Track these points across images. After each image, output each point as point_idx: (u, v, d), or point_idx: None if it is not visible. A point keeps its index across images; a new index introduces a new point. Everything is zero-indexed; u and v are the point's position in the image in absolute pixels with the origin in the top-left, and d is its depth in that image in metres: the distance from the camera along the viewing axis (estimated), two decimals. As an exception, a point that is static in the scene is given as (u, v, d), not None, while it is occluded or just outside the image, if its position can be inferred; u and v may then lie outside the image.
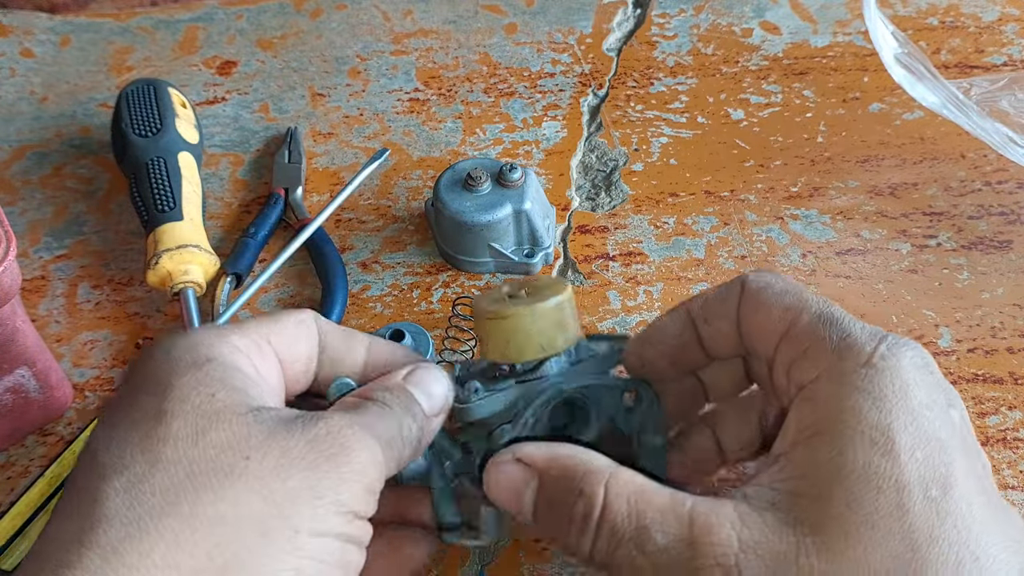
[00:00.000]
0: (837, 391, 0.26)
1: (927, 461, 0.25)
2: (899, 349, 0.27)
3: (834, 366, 0.27)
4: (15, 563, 0.37)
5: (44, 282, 0.49)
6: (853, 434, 0.25)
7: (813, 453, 0.26)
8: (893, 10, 0.62)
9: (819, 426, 0.26)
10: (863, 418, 0.25)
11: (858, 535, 0.24)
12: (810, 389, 0.27)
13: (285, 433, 0.25)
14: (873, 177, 0.52)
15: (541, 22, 0.63)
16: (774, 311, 0.29)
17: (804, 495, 0.25)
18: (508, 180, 0.46)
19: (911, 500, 0.24)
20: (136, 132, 0.50)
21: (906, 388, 0.26)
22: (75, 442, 0.41)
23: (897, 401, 0.25)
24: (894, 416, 0.25)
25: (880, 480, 0.24)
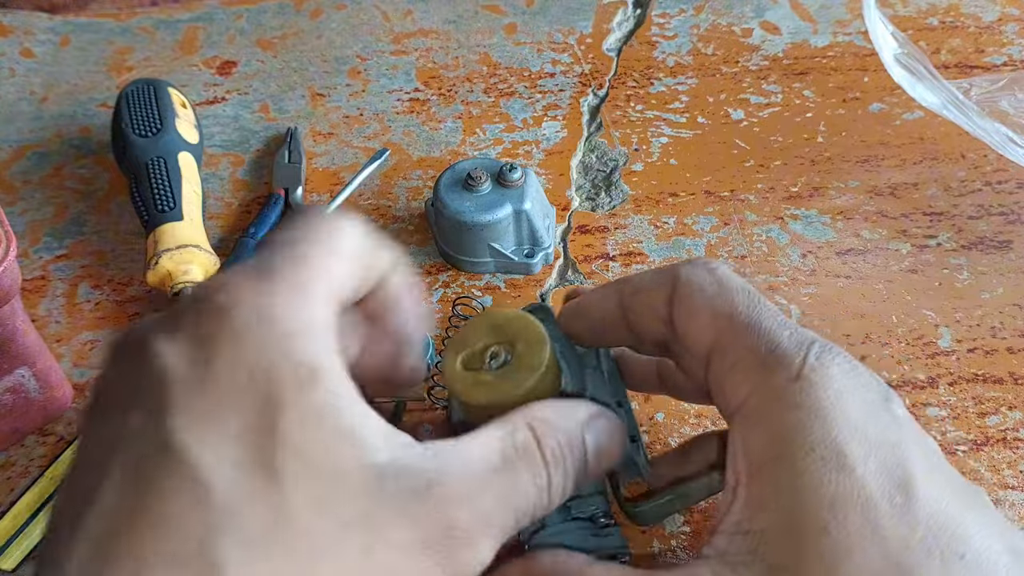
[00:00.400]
0: (775, 410, 0.25)
1: (882, 468, 0.24)
2: (826, 357, 0.26)
3: (765, 382, 0.26)
4: (15, 563, 0.37)
5: (44, 282, 0.49)
6: (804, 455, 0.24)
7: (770, 484, 0.25)
8: (893, 10, 0.62)
9: (768, 452, 0.25)
10: (809, 436, 0.24)
11: (836, 568, 0.23)
12: (747, 408, 0.26)
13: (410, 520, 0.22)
14: (873, 177, 0.52)
15: (541, 22, 0.63)
16: (703, 318, 0.28)
17: (774, 534, 0.24)
18: (508, 180, 0.46)
19: (878, 514, 0.23)
20: (136, 132, 0.50)
21: (840, 396, 0.25)
22: (75, 442, 0.41)
23: (836, 412, 0.25)
24: (838, 428, 0.24)
25: (843, 500, 0.24)
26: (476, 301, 0.46)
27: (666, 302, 0.29)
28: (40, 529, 0.38)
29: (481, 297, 0.47)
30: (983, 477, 0.39)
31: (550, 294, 0.48)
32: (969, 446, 0.40)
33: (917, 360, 0.43)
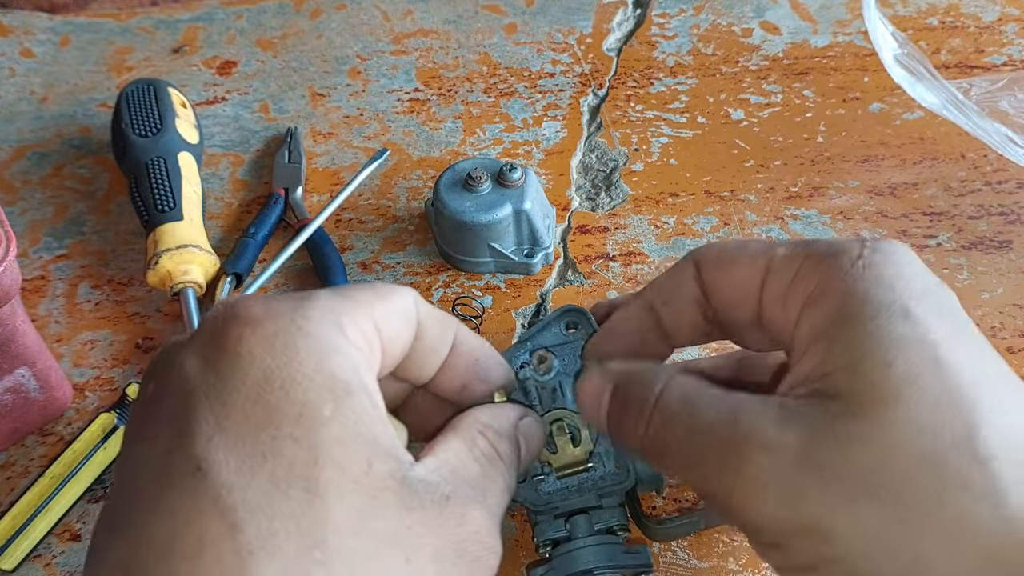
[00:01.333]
0: (841, 286, 0.26)
1: (948, 322, 0.25)
2: (883, 244, 0.27)
3: (829, 271, 0.26)
4: (15, 563, 0.37)
5: (44, 282, 0.49)
6: (870, 311, 0.25)
7: (835, 337, 0.25)
8: (893, 10, 0.62)
9: (832, 317, 0.25)
10: (875, 298, 0.25)
11: (897, 394, 0.23)
12: (812, 297, 0.26)
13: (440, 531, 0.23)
14: (873, 177, 0.52)
15: (541, 22, 0.63)
16: (743, 263, 0.29)
17: (833, 372, 0.24)
18: (508, 180, 0.46)
19: (948, 351, 0.24)
20: (136, 132, 0.50)
21: (902, 271, 0.26)
22: (75, 442, 0.41)
23: (898, 282, 0.25)
24: (901, 292, 0.25)
25: (909, 340, 0.24)
26: (476, 301, 0.46)
27: (693, 281, 0.30)
28: (40, 529, 0.38)
29: (481, 297, 0.47)
30: (983, 477, 0.39)
31: (550, 294, 0.48)
32: (969, 446, 0.40)
33: (917, 360, 0.43)
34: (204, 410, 0.21)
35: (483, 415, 0.29)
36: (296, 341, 0.22)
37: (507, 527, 0.38)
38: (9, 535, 0.38)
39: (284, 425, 0.21)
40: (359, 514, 0.21)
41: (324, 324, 0.23)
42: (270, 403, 0.21)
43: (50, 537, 0.39)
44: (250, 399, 0.21)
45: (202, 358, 0.22)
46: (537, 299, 0.47)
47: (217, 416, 0.21)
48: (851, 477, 0.23)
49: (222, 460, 0.20)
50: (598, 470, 0.33)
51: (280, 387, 0.22)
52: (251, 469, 0.20)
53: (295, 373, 0.22)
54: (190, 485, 0.20)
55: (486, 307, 0.47)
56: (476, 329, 0.45)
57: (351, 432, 0.22)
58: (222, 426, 0.21)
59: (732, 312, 0.30)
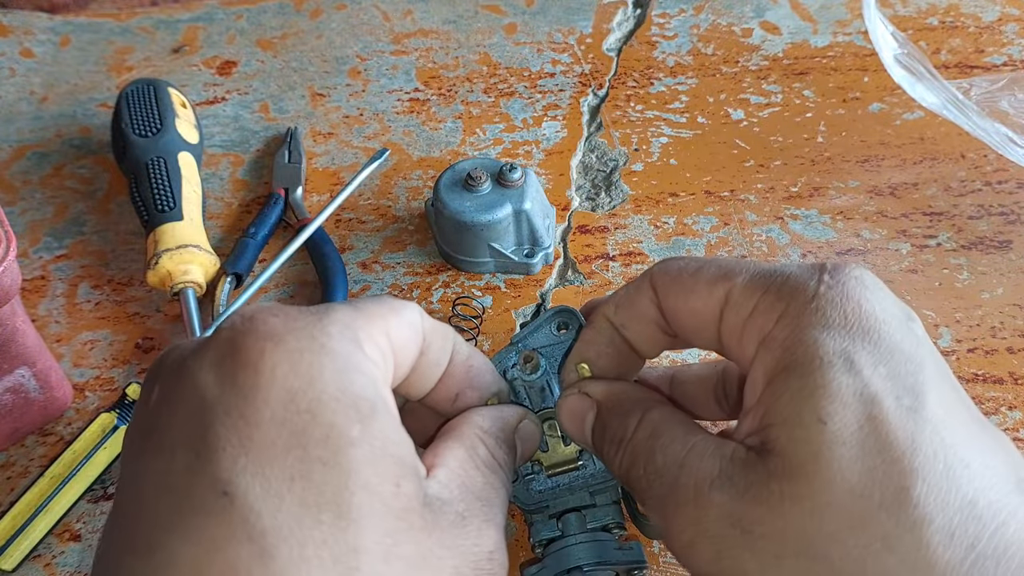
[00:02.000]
0: (792, 332, 0.25)
1: (893, 373, 0.24)
2: (841, 271, 0.26)
3: (785, 311, 0.26)
4: (15, 563, 0.37)
5: (44, 282, 0.49)
6: (814, 361, 0.24)
7: (779, 389, 0.25)
8: (893, 10, 0.62)
9: (780, 365, 0.25)
10: (820, 347, 0.24)
11: (830, 453, 0.23)
12: (768, 339, 0.26)
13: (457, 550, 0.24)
14: (873, 177, 0.52)
15: (541, 22, 0.63)
16: (701, 292, 0.28)
17: (772, 426, 0.24)
18: (508, 180, 0.46)
19: (883, 411, 0.23)
20: (136, 132, 0.50)
21: (859, 308, 0.25)
22: (75, 442, 0.41)
23: (851, 323, 0.24)
24: (850, 339, 0.24)
25: (845, 396, 0.23)
26: (476, 301, 0.46)
27: (651, 304, 0.29)
28: (40, 529, 0.38)
29: (481, 297, 0.47)
30: (983, 477, 0.39)
31: (550, 294, 0.48)
32: (969, 446, 0.40)
33: (917, 360, 0.43)
34: (226, 429, 0.21)
35: (482, 419, 0.29)
36: (320, 359, 0.22)
37: (507, 527, 0.38)
38: (9, 535, 0.38)
39: (312, 448, 0.21)
40: (388, 538, 0.21)
41: (344, 340, 0.23)
42: (296, 425, 0.21)
43: (50, 537, 0.39)
44: (275, 420, 0.21)
45: (219, 371, 0.22)
46: (537, 299, 0.47)
47: (241, 437, 0.20)
48: (779, 536, 0.23)
49: (249, 484, 0.20)
50: (588, 468, 0.33)
51: (306, 408, 0.21)
52: (279, 493, 0.20)
53: (320, 393, 0.21)
54: (217, 509, 0.20)
55: (486, 307, 0.47)
56: (476, 329, 0.45)
57: (379, 453, 0.22)
58: (246, 447, 0.20)
59: (692, 338, 0.29)
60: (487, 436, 0.29)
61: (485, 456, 0.28)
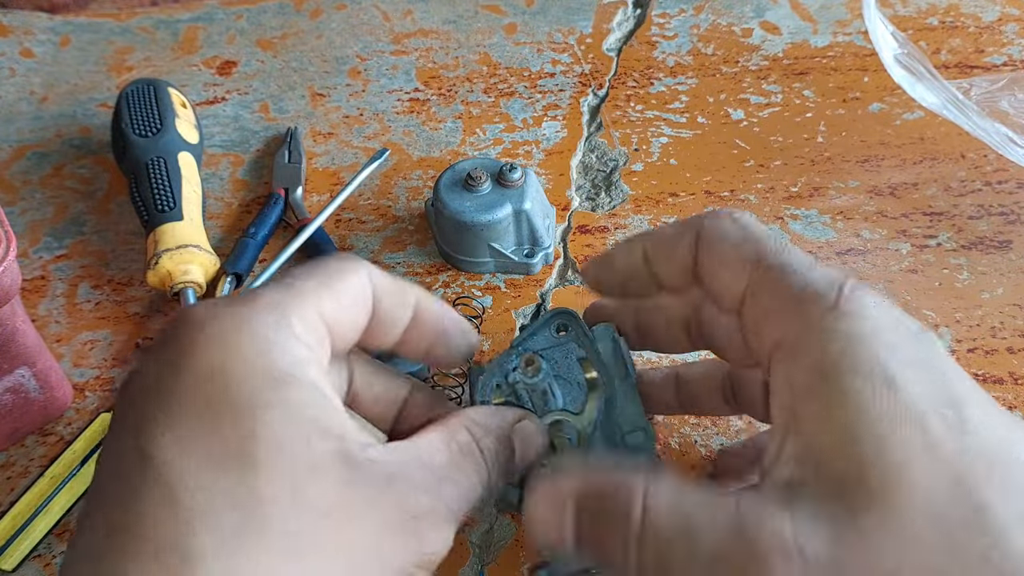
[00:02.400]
0: (816, 342, 0.25)
1: (929, 386, 0.24)
2: (859, 290, 0.26)
3: (803, 316, 0.25)
4: (15, 563, 0.37)
5: (44, 282, 0.49)
6: (852, 378, 0.24)
7: (822, 408, 0.24)
8: (893, 10, 0.62)
9: (814, 378, 0.25)
10: (854, 360, 0.24)
11: (899, 479, 0.22)
12: (787, 344, 0.26)
13: (381, 505, 0.24)
14: (873, 177, 0.52)
15: (541, 22, 0.63)
16: (732, 264, 0.28)
17: (833, 451, 0.24)
18: (508, 180, 0.46)
19: (931, 427, 0.23)
20: (136, 132, 0.50)
21: (879, 324, 0.25)
22: (75, 442, 0.41)
23: (878, 337, 0.24)
24: (882, 351, 0.24)
25: (895, 416, 0.23)
26: (476, 301, 0.46)
27: (690, 251, 0.29)
28: (40, 529, 0.38)
29: (481, 297, 0.47)
30: (983, 477, 0.39)
31: (550, 294, 0.48)
32: (969, 446, 0.40)
33: (917, 360, 0.43)
34: (154, 406, 0.23)
35: (475, 413, 0.29)
36: (239, 338, 0.24)
37: (507, 527, 0.38)
38: (9, 535, 0.38)
39: (224, 411, 0.23)
40: (296, 488, 0.22)
41: (266, 322, 0.25)
42: (212, 394, 0.23)
43: (50, 537, 0.39)
44: (194, 391, 0.23)
45: (157, 360, 0.24)
46: (537, 299, 0.47)
47: (165, 410, 0.23)
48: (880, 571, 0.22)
49: (166, 446, 0.22)
50: None
51: (223, 380, 0.23)
52: (190, 451, 0.22)
53: (237, 366, 0.23)
54: (138, 470, 0.22)
55: (486, 307, 0.47)
56: (476, 329, 0.45)
57: (291, 414, 0.23)
58: (168, 417, 0.22)
59: (716, 295, 0.29)
60: (475, 426, 0.29)
61: (464, 441, 0.28)
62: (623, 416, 0.33)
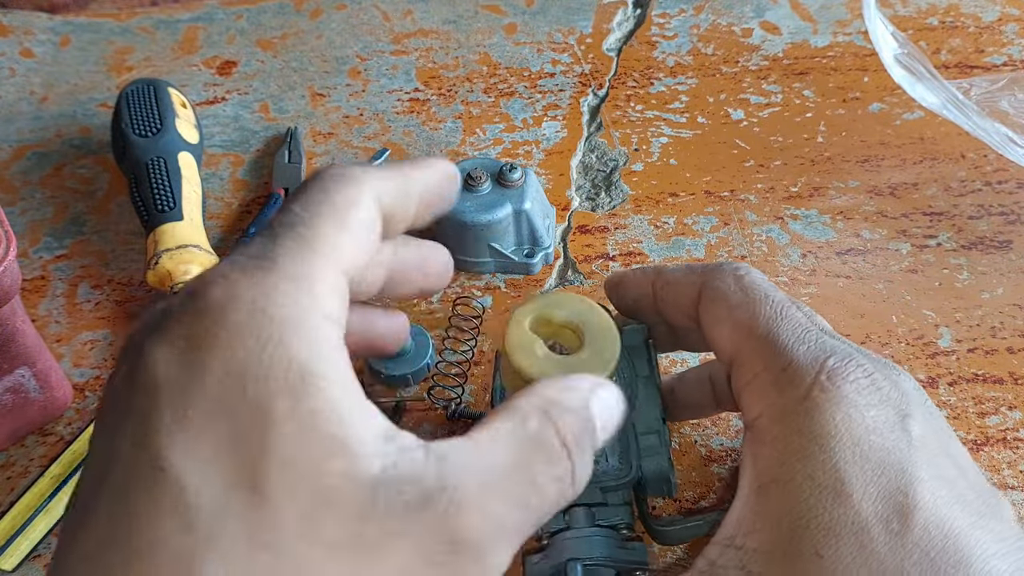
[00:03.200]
0: (781, 432, 0.26)
1: (882, 494, 0.24)
2: (839, 375, 0.26)
3: (775, 403, 0.26)
4: (15, 563, 0.37)
5: (44, 282, 0.49)
6: (803, 480, 0.25)
7: (769, 504, 0.25)
8: (893, 10, 0.62)
9: (771, 474, 0.26)
10: (810, 462, 0.25)
11: None
12: (758, 426, 0.27)
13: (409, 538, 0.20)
14: (873, 177, 0.52)
15: (541, 22, 0.63)
16: (725, 327, 0.29)
17: (768, 553, 0.25)
18: (508, 180, 0.46)
19: (873, 539, 0.24)
20: (136, 132, 0.50)
21: (849, 420, 0.25)
22: (75, 442, 0.41)
23: (842, 437, 0.25)
24: (839, 455, 0.25)
25: (838, 527, 0.24)
26: (476, 301, 0.46)
27: (692, 303, 0.30)
28: (40, 529, 0.38)
29: (481, 297, 0.47)
30: (983, 477, 0.39)
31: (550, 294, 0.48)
32: (969, 446, 0.40)
33: (917, 360, 0.43)
34: (167, 407, 0.21)
35: (550, 388, 0.24)
36: (260, 331, 0.21)
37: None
38: (9, 535, 0.38)
39: (239, 424, 0.20)
40: (307, 518, 0.20)
41: (289, 301, 0.22)
42: (228, 401, 0.21)
43: (50, 537, 0.39)
44: (210, 397, 0.21)
45: (170, 353, 0.21)
46: (537, 299, 0.47)
47: (179, 414, 0.20)
48: None
49: (180, 459, 0.20)
50: (600, 464, 0.32)
51: (240, 384, 0.21)
52: (205, 469, 0.20)
53: (254, 368, 0.21)
54: (150, 483, 0.20)
55: (486, 307, 0.47)
56: (476, 329, 0.45)
57: (306, 428, 0.20)
58: (183, 424, 0.20)
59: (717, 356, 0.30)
60: (551, 406, 0.23)
61: (534, 430, 0.23)
62: (640, 417, 0.32)
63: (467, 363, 0.44)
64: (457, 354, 0.44)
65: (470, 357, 0.44)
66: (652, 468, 0.32)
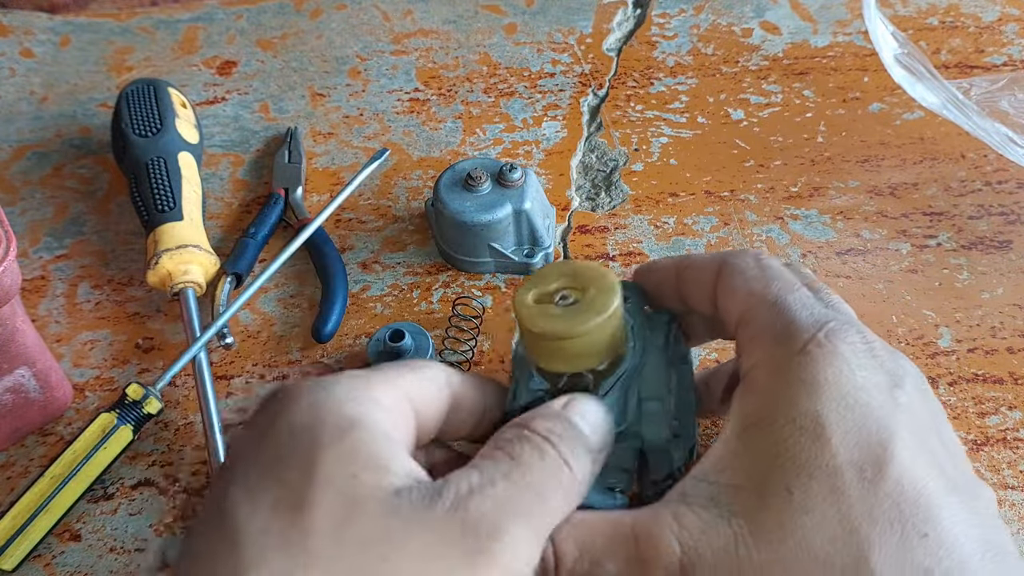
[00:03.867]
0: (772, 381, 0.27)
1: (861, 444, 0.25)
2: (837, 335, 0.27)
3: (772, 355, 0.27)
4: (15, 563, 0.37)
5: (44, 282, 0.49)
6: (785, 423, 0.25)
7: (749, 444, 0.26)
8: (893, 10, 0.62)
9: (755, 417, 0.26)
10: (795, 407, 0.26)
11: (794, 522, 0.24)
12: (751, 376, 0.28)
13: (422, 525, 0.23)
14: (873, 177, 0.52)
15: (541, 22, 0.63)
16: (739, 296, 0.30)
17: (740, 487, 0.25)
18: (508, 180, 0.46)
19: (845, 483, 0.24)
20: (136, 132, 0.50)
21: (840, 374, 0.26)
22: (75, 442, 0.41)
23: (829, 387, 0.26)
24: (824, 403, 0.25)
25: (812, 467, 0.25)
26: (476, 301, 0.46)
27: (712, 279, 0.31)
28: (40, 529, 0.38)
29: (481, 297, 0.47)
30: (983, 477, 0.39)
31: (550, 294, 0.48)
32: (969, 446, 0.40)
33: (917, 360, 0.43)
34: (239, 467, 0.25)
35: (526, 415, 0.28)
36: (319, 397, 0.26)
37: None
38: (9, 535, 0.38)
39: (290, 459, 0.24)
40: (339, 521, 0.23)
41: (347, 386, 0.26)
42: (285, 445, 0.25)
43: (50, 537, 0.39)
44: (271, 444, 0.25)
45: (249, 429, 0.27)
46: (537, 299, 0.47)
47: (243, 468, 0.25)
48: None
49: (237, 495, 0.24)
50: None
51: (298, 433, 0.25)
52: (254, 498, 0.24)
53: (312, 420, 0.25)
54: (215, 522, 0.24)
55: (486, 307, 0.47)
56: (476, 329, 0.45)
57: (347, 453, 0.24)
58: (246, 474, 0.25)
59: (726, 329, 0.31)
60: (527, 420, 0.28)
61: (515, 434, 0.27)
62: (646, 384, 0.32)
63: (467, 363, 0.44)
64: (457, 354, 0.44)
65: (470, 357, 0.44)
66: (650, 436, 0.30)
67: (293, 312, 0.47)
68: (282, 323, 0.47)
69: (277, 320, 0.47)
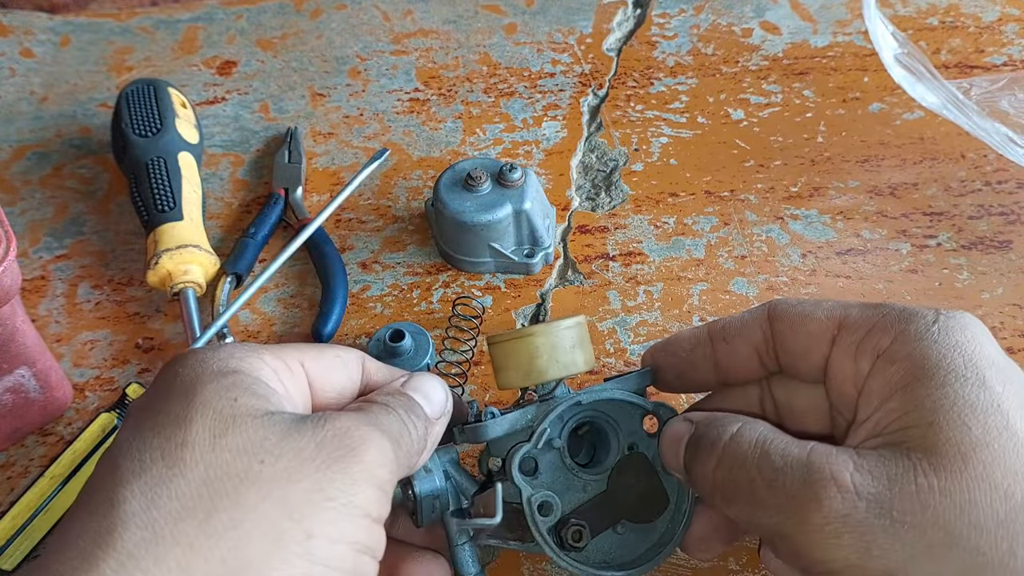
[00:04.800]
0: (917, 347, 0.28)
1: (1018, 390, 0.27)
2: (957, 314, 0.29)
3: (905, 330, 0.28)
4: (15, 563, 0.37)
5: (44, 282, 0.49)
6: (946, 375, 0.27)
7: (911, 396, 0.27)
8: (893, 10, 0.62)
9: (909, 377, 0.27)
10: (951, 362, 0.27)
11: (974, 455, 0.25)
12: (888, 353, 0.28)
13: (297, 435, 0.25)
14: (873, 177, 0.52)
15: (541, 22, 0.63)
16: (818, 318, 0.31)
17: (912, 427, 0.26)
18: (508, 180, 0.46)
19: (1015, 421, 0.26)
20: (136, 132, 0.50)
21: (976, 339, 0.28)
22: (75, 442, 0.41)
23: (974, 349, 0.27)
24: (976, 359, 0.27)
25: (983, 407, 0.26)
26: (476, 301, 0.46)
27: (762, 327, 0.32)
28: (40, 529, 0.38)
29: (481, 297, 0.47)
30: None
31: (550, 294, 0.48)
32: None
33: (917, 360, 0.43)
34: (129, 418, 0.27)
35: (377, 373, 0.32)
36: (207, 357, 0.28)
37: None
38: (9, 535, 0.38)
39: (172, 396, 0.26)
40: (215, 434, 0.25)
41: (236, 350, 0.28)
42: (169, 388, 0.27)
43: (50, 537, 0.39)
44: (157, 394, 0.27)
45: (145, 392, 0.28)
46: (537, 299, 0.47)
47: (135, 413, 0.27)
48: (930, 527, 0.25)
49: (122, 435, 0.26)
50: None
51: (182, 379, 0.27)
52: (139, 428, 0.25)
53: (193, 370, 0.27)
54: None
55: (486, 307, 0.47)
56: (476, 329, 0.45)
57: (227, 384, 0.26)
58: (135, 417, 0.26)
59: (798, 359, 0.32)
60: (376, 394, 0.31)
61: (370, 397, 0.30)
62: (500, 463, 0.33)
63: (467, 363, 0.44)
64: (457, 353, 0.44)
65: (470, 357, 0.44)
66: (425, 490, 0.32)
67: (293, 312, 0.47)
68: (282, 323, 0.47)
69: (277, 320, 0.47)
